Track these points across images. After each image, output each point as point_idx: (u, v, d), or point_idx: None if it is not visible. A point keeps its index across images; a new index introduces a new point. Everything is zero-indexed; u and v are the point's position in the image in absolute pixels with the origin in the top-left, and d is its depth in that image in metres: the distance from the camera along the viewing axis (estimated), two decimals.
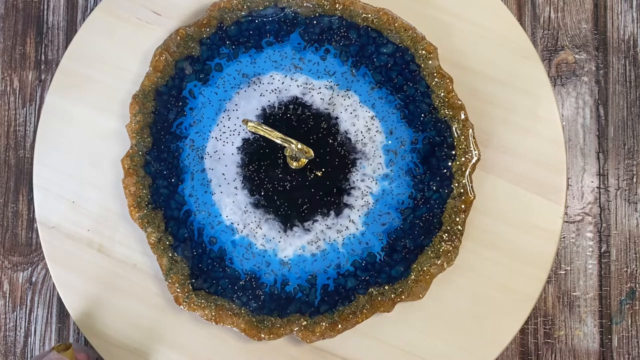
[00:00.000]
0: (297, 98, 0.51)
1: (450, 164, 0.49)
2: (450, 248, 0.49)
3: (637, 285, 0.53)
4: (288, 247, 0.50)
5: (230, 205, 0.50)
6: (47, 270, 0.54)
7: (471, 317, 0.50)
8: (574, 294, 0.53)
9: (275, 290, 0.49)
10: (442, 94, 0.50)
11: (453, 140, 0.49)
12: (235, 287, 0.49)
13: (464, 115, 0.49)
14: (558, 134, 0.51)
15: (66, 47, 0.54)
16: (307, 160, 0.49)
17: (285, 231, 0.50)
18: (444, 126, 0.50)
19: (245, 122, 0.46)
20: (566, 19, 0.55)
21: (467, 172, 0.49)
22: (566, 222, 0.54)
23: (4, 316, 0.55)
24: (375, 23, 0.50)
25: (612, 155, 0.54)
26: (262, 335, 0.48)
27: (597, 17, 0.55)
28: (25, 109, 0.56)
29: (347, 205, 0.50)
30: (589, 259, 0.54)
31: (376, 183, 0.50)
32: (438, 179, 0.49)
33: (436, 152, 0.50)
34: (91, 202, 0.52)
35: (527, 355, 0.53)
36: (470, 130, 0.49)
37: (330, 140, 0.51)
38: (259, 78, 0.51)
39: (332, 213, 0.50)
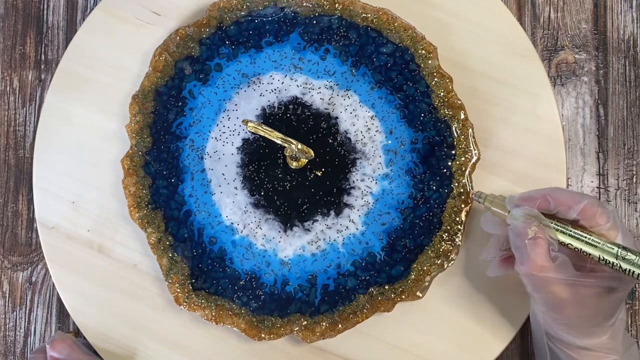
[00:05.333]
0: (297, 98, 0.51)
1: (450, 163, 0.49)
2: (450, 247, 0.49)
3: (637, 285, 0.53)
4: (288, 247, 0.50)
5: (230, 206, 0.50)
6: (47, 270, 0.54)
7: (471, 317, 0.50)
8: None
9: (276, 290, 0.49)
10: (441, 94, 0.50)
11: (453, 140, 0.49)
12: (236, 287, 0.49)
13: (464, 115, 0.49)
14: (558, 133, 0.51)
15: (66, 47, 0.54)
16: (307, 160, 0.49)
17: (285, 231, 0.50)
18: (443, 126, 0.50)
19: (245, 122, 0.46)
20: (566, 19, 0.55)
21: (467, 172, 0.49)
22: None
23: (4, 316, 0.55)
24: (375, 23, 0.50)
25: (612, 155, 0.54)
26: (263, 335, 0.48)
27: (597, 17, 0.55)
28: (25, 109, 0.56)
29: (347, 205, 0.50)
30: None
31: (376, 183, 0.50)
32: (438, 178, 0.49)
33: (436, 151, 0.50)
34: (91, 202, 0.52)
35: (527, 355, 0.53)
36: (470, 129, 0.49)
37: (330, 140, 0.51)
38: (258, 78, 0.51)
39: (332, 213, 0.50)
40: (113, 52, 0.53)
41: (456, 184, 0.49)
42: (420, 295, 0.48)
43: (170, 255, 0.49)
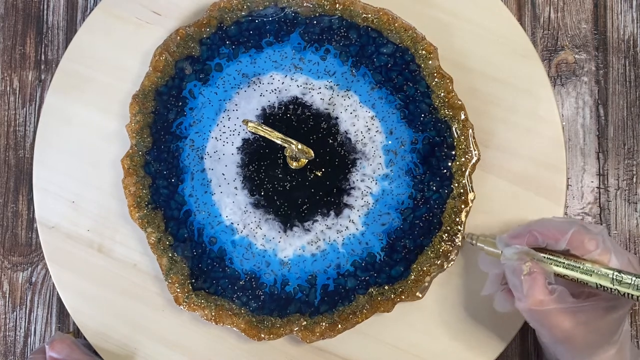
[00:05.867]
0: (297, 98, 0.51)
1: (450, 164, 0.49)
2: (450, 248, 0.49)
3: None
4: (288, 247, 0.50)
5: (230, 206, 0.50)
6: (47, 270, 0.54)
7: (471, 317, 0.50)
8: None
9: (275, 291, 0.49)
10: (442, 94, 0.50)
11: (453, 140, 0.49)
12: (235, 287, 0.49)
13: (464, 115, 0.49)
14: (558, 134, 0.51)
15: (66, 47, 0.54)
16: (307, 160, 0.49)
17: (285, 231, 0.50)
18: (444, 126, 0.50)
19: (246, 122, 0.46)
20: (566, 19, 0.55)
21: (467, 172, 0.49)
22: None
23: (4, 316, 0.55)
24: (375, 23, 0.50)
25: (612, 155, 0.54)
26: (262, 335, 0.48)
27: (597, 17, 0.55)
28: (25, 109, 0.56)
29: (347, 206, 0.50)
30: None
31: (376, 183, 0.50)
32: (438, 179, 0.49)
33: (436, 152, 0.50)
34: (91, 202, 0.52)
35: (527, 355, 0.53)
36: (470, 130, 0.49)
37: (330, 141, 0.51)
38: (259, 78, 0.51)
39: (332, 213, 0.50)
40: (113, 52, 0.53)
41: (456, 185, 0.49)
42: (420, 295, 0.48)
43: (170, 255, 0.49)
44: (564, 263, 0.41)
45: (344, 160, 0.51)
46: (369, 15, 0.50)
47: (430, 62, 0.50)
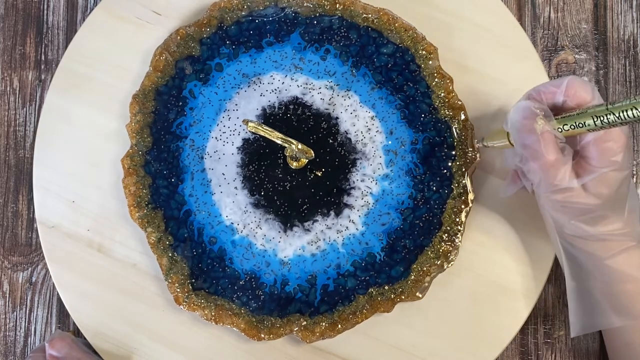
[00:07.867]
0: (297, 98, 0.51)
1: (450, 164, 0.49)
2: (450, 248, 0.49)
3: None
4: (288, 247, 0.50)
5: (230, 205, 0.50)
6: (47, 270, 0.54)
7: (471, 317, 0.50)
8: None
9: (275, 290, 0.49)
10: (442, 94, 0.50)
11: (453, 141, 0.49)
12: (235, 287, 0.49)
13: (464, 115, 0.49)
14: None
15: (66, 47, 0.54)
16: (307, 160, 0.49)
17: (285, 231, 0.50)
18: (444, 126, 0.50)
19: (246, 122, 0.46)
20: (566, 19, 0.55)
21: (467, 173, 0.49)
22: None
23: (4, 316, 0.55)
24: (375, 23, 0.50)
25: None
26: (262, 335, 0.48)
27: (597, 17, 0.55)
28: (25, 109, 0.56)
29: (347, 206, 0.50)
30: None
31: (376, 183, 0.50)
32: (438, 179, 0.49)
33: (436, 152, 0.50)
34: (91, 202, 0.52)
35: (527, 355, 0.53)
36: (470, 130, 0.49)
37: (331, 141, 0.51)
38: (259, 78, 0.51)
39: (332, 213, 0.50)
40: (113, 52, 0.53)
41: (456, 185, 0.49)
42: (420, 295, 0.48)
43: (170, 254, 0.49)
44: (559, 117, 0.41)
45: (344, 160, 0.51)
46: (369, 16, 0.50)
47: (430, 62, 0.50)
